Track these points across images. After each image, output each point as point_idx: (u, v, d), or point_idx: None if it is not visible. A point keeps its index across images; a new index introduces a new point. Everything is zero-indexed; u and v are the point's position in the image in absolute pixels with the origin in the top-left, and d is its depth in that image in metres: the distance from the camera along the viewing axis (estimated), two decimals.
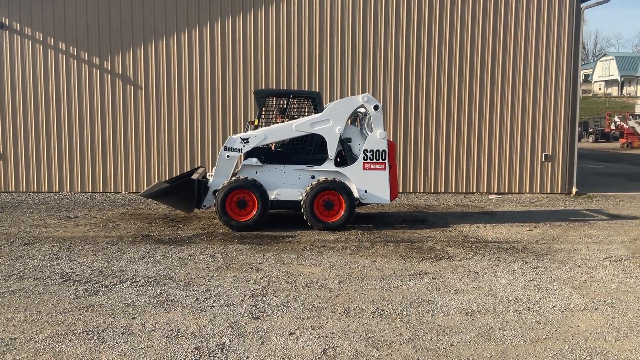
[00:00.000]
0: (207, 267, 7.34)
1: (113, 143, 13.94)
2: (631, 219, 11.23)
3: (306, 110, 10.54)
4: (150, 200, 12.62)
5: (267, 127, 9.98)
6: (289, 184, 9.89)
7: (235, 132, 13.88)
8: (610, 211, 12.13)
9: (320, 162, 9.99)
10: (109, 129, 13.91)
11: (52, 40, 13.72)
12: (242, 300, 6.03)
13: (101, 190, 14.00)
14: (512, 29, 14.15)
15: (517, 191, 14.42)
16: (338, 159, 10.12)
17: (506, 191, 14.41)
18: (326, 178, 9.74)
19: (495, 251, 8.38)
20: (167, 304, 5.90)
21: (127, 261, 7.58)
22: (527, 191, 14.42)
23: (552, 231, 9.93)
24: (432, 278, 6.95)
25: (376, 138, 9.88)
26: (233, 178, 9.72)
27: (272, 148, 10.30)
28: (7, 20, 13.64)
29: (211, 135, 14.05)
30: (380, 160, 9.90)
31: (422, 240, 9.08)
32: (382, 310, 5.79)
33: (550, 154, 14.37)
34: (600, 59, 78.79)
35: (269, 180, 9.83)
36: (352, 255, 8.06)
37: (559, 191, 14.46)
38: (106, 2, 13.69)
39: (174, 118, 13.99)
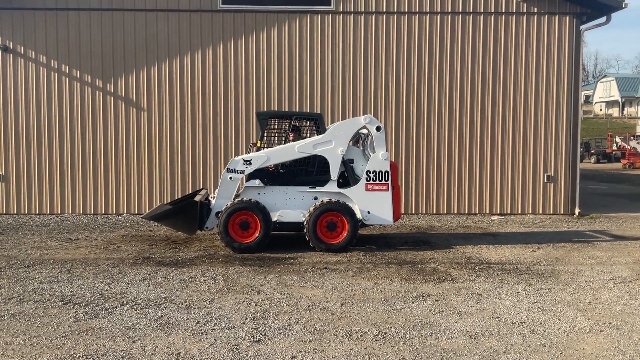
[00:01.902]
0: (208, 289, 7.29)
1: (115, 164, 13.96)
2: (635, 239, 11.16)
3: (308, 131, 10.56)
4: (151, 222, 12.61)
5: (269, 149, 9.99)
6: (291, 206, 9.86)
7: (236, 154, 13.91)
8: (613, 232, 12.06)
9: (322, 183, 9.97)
10: (111, 151, 13.95)
11: (56, 63, 13.83)
12: (244, 323, 5.97)
13: (103, 212, 13.99)
14: (513, 51, 14.23)
15: (519, 212, 14.38)
16: (340, 180, 10.11)
17: (509, 212, 14.37)
18: (330, 199, 9.72)
19: (499, 273, 8.32)
20: (167, 327, 5.84)
21: (128, 283, 7.53)
22: (530, 212, 14.38)
23: (555, 252, 9.87)
24: (435, 300, 6.88)
25: (379, 159, 9.87)
26: (236, 200, 9.71)
27: (273, 169, 10.29)
28: (11, 43, 13.76)
29: (213, 157, 14.08)
30: (383, 181, 9.88)
31: (425, 261, 9.03)
32: (385, 333, 5.73)
33: (552, 174, 14.35)
34: (601, 80, 79.17)
35: (271, 202, 9.80)
36: (354, 277, 8.01)
37: (562, 212, 14.41)
38: (109, 26, 13.83)
39: (176, 140, 14.03)
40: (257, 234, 9.54)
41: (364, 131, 10.27)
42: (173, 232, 11.39)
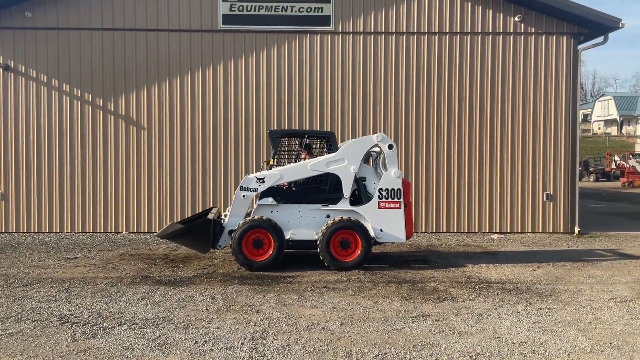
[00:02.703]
0: (206, 308, 7.25)
1: (114, 183, 13.97)
2: (635, 258, 11.13)
3: (320, 149, 10.59)
4: (150, 240, 12.60)
5: (282, 167, 10.03)
6: (304, 224, 9.87)
7: (235, 173, 13.97)
8: (613, 251, 12.03)
9: (335, 201, 9.99)
10: (111, 169, 13.96)
11: (56, 82, 13.91)
12: (242, 344, 5.93)
13: (101, 231, 13.96)
14: (511, 70, 14.32)
15: (519, 231, 14.35)
16: (352, 198, 10.13)
17: (508, 231, 14.34)
18: (342, 217, 9.74)
19: (499, 292, 8.28)
20: (165, 348, 5.80)
21: (126, 303, 7.49)
22: (530, 231, 14.35)
23: (555, 271, 9.84)
24: (436, 320, 6.85)
25: (391, 177, 9.92)
26: (248, 218, 9.71)
27: (286, 187, 10.30)
28: (12, 62, 13.85)
29: (212, 175, 14.08)
30: (395, 199, 9.92)
31: (425, 280, 8.99)
32: (385, 353, 5.69)
33: (551, 193, 14.35)
34: (599, 99, 79.61)
35: (284, 220, 9.81)
36: (353, 296, 7.97)
37: (562, 231, 14.38)
38: (110, 45, 13.93)
39: (175, 159, 14.05)
40: (270, 252, 9.54)
41: (376, 149, 10.34)
42: (172, 251, 11.36)
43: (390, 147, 9.99)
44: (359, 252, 9.64)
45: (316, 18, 14.07)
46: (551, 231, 14.37)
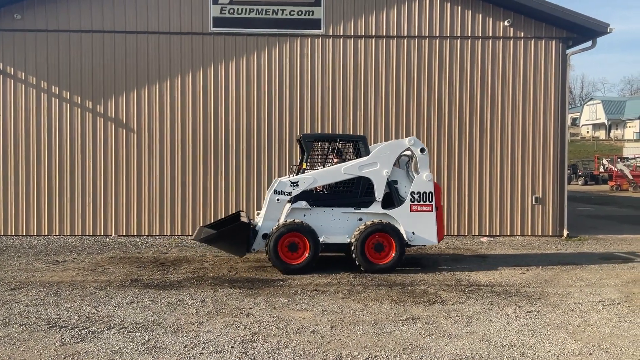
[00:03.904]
0: (196, 312, 7.23)
1: (104, 186, 13.88)
2: (623, 261, 11.22)
3: (350, 153, 10.62)
4: (139, 243, 12.56)
5: (316, 171, 10.06)
6: (337, 227, 9.93)
7: (226, 177, 13.96)
8: (602, 254, 12.11)
9: (367, 204, 10.03)
10: (99, 172, 13.88)
11: (46, 84, 13.82)
12: (232, 347, 5.92)
13: (91, 234, 13.87)
14: (500, 74, 14.40)
15: (508, 234, 14.42)
16: (382, 201, 10.16)
17: (498, 234, 14.41)
18: (380, 220, 9.80)
19: (489, 295, 8.32)
20: (155, 351, 5.77)
21: (115, 306, 7.45)
22: (519, 234, 14.42)
23: (544, 274, 9.89)
24: (425, 323, 6.86)
25: (423, 180, 10.03)
26: (280, 222, 9.71)
27: (320, 190, 10.30)
28: (0, 64, 13.74)
29: (202, 179, 14.03)
30: (427, 202, 10.02)
31: (415, 283, 9.02)
32: (375, 356, 5.70)
33: (540, 196, 14.44)
34: (587, 103, 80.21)
35: (317, 223, 9.85)
36: (344, 299, 7.97)
37: (550, 234, 14.46)
38: (100, 47, 13.86)
39: (165, 162, 13.99)
40: (306, 255, 9.57)
41: (408, 153, 10.42)
42: (161, 254, 11.32)
43: (422, 150, 10.14)
44: (393, 254, 9.72)
45: (307, 21, 14.09)
46: (540, 234, 14.45)
